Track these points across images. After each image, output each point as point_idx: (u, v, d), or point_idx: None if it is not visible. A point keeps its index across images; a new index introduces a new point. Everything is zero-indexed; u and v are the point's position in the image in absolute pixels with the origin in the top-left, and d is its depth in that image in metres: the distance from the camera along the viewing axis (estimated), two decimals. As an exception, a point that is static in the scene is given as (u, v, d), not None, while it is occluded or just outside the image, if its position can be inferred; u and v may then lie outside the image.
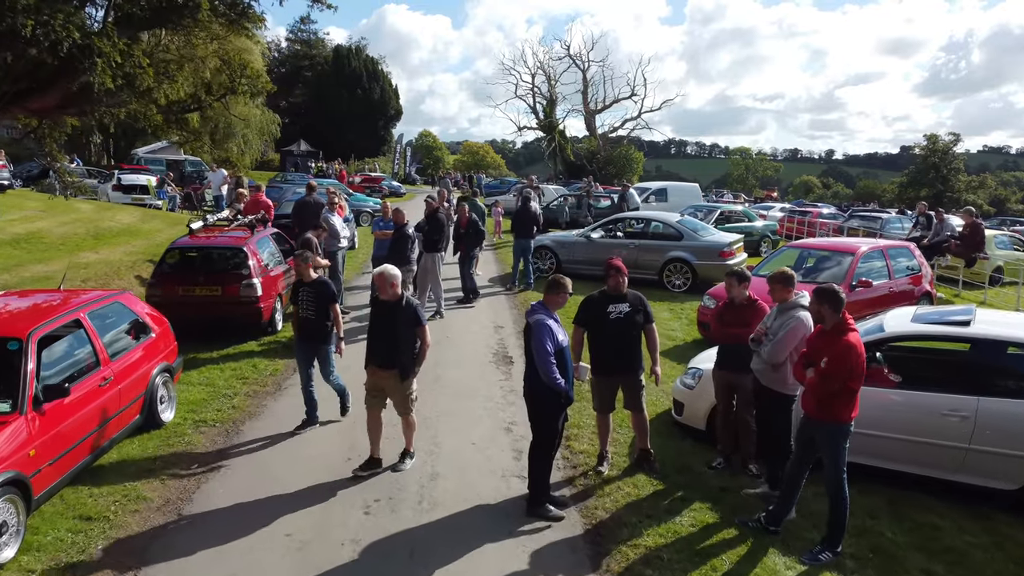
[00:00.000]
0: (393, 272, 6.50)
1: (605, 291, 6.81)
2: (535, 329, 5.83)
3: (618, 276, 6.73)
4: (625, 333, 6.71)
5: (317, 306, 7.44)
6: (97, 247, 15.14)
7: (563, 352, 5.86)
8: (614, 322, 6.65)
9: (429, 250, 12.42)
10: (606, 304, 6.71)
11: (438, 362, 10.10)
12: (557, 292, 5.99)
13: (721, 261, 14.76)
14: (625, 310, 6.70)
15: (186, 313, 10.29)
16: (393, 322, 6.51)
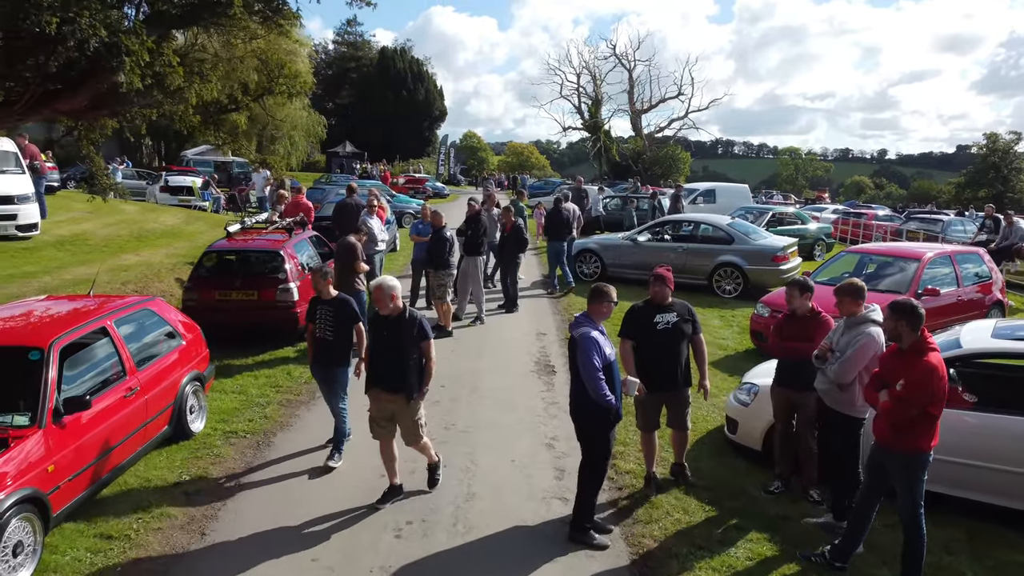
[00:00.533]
0: (391, 284, 5.93)
1: (650, 300, 6.37)
2: (581, 343, 5.42)
3: (663, 286, 6.29)
4: (672, 345, 6.27)
5: (337, 326, 6.75)
6: (139, 249, 15.13)
7: (611, 367, 5.45)
8: (661, 333, 6.22)
9: (470, 253, 12.07)
10: (652, 314, 6.28)
11: (477, 371, 9.74)
12: (601, 302, 5.57)
13: (774, 266, 14.14)
14: (672, 320, 6.26)
15: (222, 318, 10.13)
16: (397, 339, 5.89)
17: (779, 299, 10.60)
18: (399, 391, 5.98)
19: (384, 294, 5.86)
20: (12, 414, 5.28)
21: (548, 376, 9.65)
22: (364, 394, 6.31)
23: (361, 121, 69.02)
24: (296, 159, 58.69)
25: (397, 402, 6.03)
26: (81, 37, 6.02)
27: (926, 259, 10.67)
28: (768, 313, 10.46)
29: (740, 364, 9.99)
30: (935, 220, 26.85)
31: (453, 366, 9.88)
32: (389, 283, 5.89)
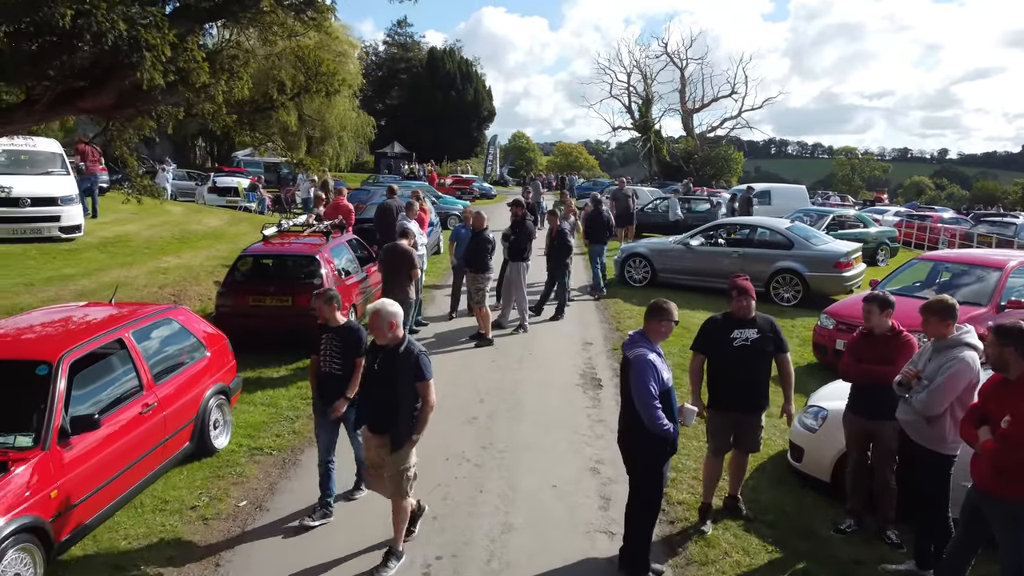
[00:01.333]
0: (392, 311, 5.03)
1: (729, 314, 5.75)
2: (635, 366, 4.84)
3: (747, 299, 5.66)
4: (751, 364, 5.65)
5: (345, 358, 5.80)
6: (180, 251, 14.98)
7: (668, 393, 4.87)
8: (739, 350, 5.61)
9: (514, 259, 11.55)
10: (730, 329, 5.67)
11: (518, 383, 9.20)
12: (659, 320, 4.97)
13: (837, 273, 13.30)
14: (753, 337, 5.63)
15: (256, 324, 9.82)
16: (391, 372, 5.04)
17: (846, 311, 9.85)
18: (384, 432, 5.14)
19: (382, 321, 4.99)
20: (15, 434, 4.91)
21: (594, 391, 9.07)
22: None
23: (410, 122, 69.14)
24: (345, 160, 58.93)
25: (382, 446, 5.15)
26: (98, 31, 5.66)
27: (1009, 267, 9.78)
28: (833, 325, 9.70)
29: (802, 381, 9.23)
30: (1007, 223, 25.45)
31: (493, 378, 9.37)
32: (389, 309, 5.04)
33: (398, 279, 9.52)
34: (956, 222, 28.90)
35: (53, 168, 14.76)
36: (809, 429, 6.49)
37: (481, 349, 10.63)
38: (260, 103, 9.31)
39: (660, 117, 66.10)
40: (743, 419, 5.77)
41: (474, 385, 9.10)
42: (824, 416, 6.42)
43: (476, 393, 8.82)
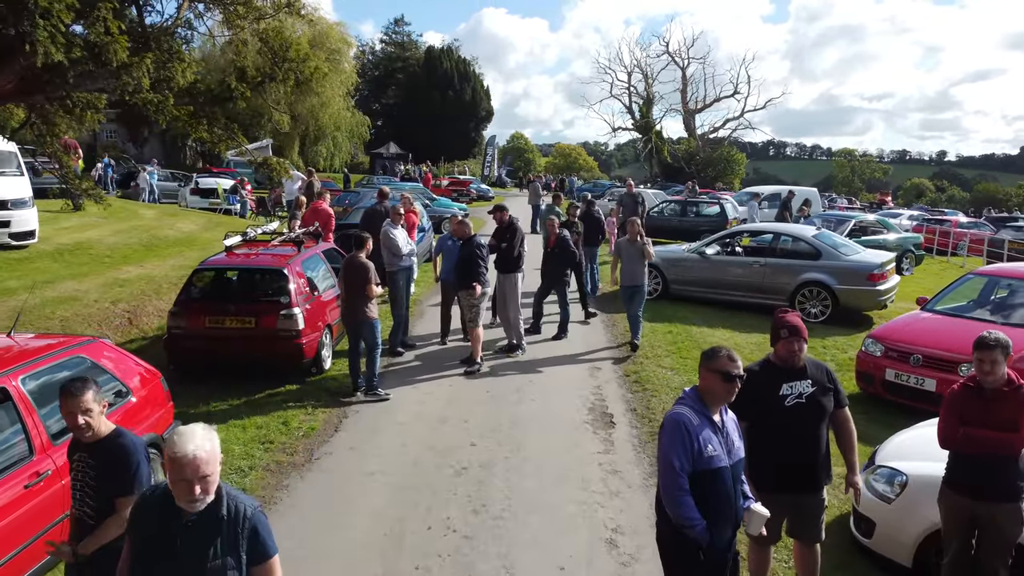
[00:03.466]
0: (192, 454, 2.61)
1: (772, 362, 4.36)
2: (663, 429, 3.55)
3: (798, 340, 4.24)
4: (807, 427, 4.28)
5: (99, 496, 3.52)
6: (145, 259, 13.62)
7: (717, 475, 3.48)
8: (790, 411, 4.22)
9: (505, 271, 10.19)
10: (777, 383, 4.27)
11: (516, 421, 7.85)
12: (715, 370, 3.52)
13: (870, 286, 11.96)
14: (807, 391, 4.27)
15: (213, 349, 8.49)
16: (201, 553, 2.72)
17: (897, 334, 8.52)
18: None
19: (182, 467, 2.62)
20: None
21: (605, 430, 7.72)
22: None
23: (407, 122, 67.83)
24: (339, 160, 57.66)
25: None
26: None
27: (1084, 285, 8.47)
28: (882, 352, 8.36)
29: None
30: (1030, 228, 24.16)
31: (487, 414, 8.02)
32: (185, 450, 2.62)
33: (354, 297, 8.22)
34: (975, 226, 27.61)
35: (6, 168, 13.39)
36: (882, 498, 5.15)
37: (473, 377, 9.29)
38: (217, 93, 7.94)
39: (661, 117, 64.89)
40: (801, 501, 4.38)
41: (465, 424, 7.76)
42: (903, 482, 5.09)
43: (467, 434, 7.48)
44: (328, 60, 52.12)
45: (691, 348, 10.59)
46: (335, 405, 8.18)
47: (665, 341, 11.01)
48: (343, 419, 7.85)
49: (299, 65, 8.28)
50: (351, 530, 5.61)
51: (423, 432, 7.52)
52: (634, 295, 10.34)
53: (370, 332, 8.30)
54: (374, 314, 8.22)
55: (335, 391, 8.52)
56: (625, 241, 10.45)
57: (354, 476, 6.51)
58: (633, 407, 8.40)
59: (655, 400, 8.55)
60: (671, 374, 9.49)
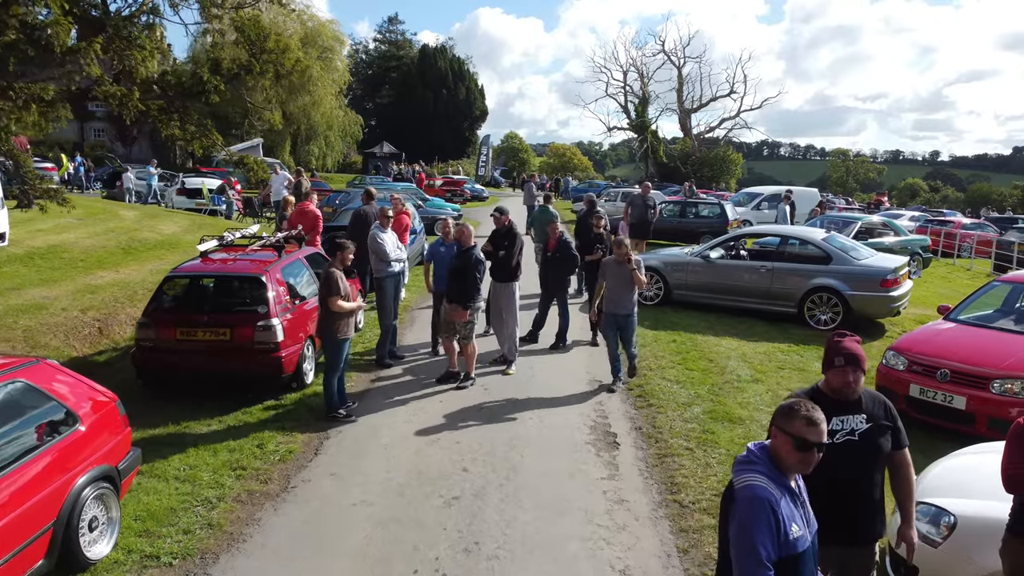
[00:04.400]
0: None
1: (821, 391, 3.68)
2: (739, 507, 2.80)
3: (855, 370, 3.58)
4: (859, 469, 3.63)
5: None
6: (122, 264, 12.95)
7: (801, 559, 2.81)
8: (840, 450, 3.54)
9: (503, 279, 9.56)
10: (828, 416, 3.60)
11: (514, 443, 7.24)
12: (794, 432, 2.85)
13: (883, 292, 11.39)
14: (861, 428, 3.62)
15: (185, 363, 7.87)
16: None
17: (922, 346, 7.94)
18: None
19: None
20: None
21: (609, 452, 7.11)
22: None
23: (400, 121, 67.29)
24: (332, 160, 56.99)
25: None
26: None
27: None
28: (905, 366, 7.78)
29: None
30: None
31: (481, 435, 7.41)
32: None
33: (321, 310, 7.58)
34: (979, 228, 27.09)
35: (-26, 168, 12.74)
36: (926, 540, 4.55)
37: (465, 393, 8.67)
38: (189, 86, 7.30)
39: (657, 117, 64.36)
40: (849, 555, 3.70)
41: (457, 445, 7.15)
42: (950, 523, 4.50)
43: (459, 458, 6.87)
44: (320, 58, 51.64)
45: (698, 359, 10.00)
46: (316, 425, 7.56)
47: (670, 351, 10.41)
48: (324, 441, 7.23)
49: (279, 56, 7.67)
50: (327, 575, 4.99)
51: (411, 455, 6.91)
52: (621, 326, 8.66)
53: (330, 350, 7.64)
54: (339, 331, 7.52)
55: (317, 409, 7.90)
56: (612, 261, 8.72)
57: (333, 508, 5.89)
58: (638, 425, 7.80)
59: (661, 417, 7.95)
60: (677, 387, 8.89)
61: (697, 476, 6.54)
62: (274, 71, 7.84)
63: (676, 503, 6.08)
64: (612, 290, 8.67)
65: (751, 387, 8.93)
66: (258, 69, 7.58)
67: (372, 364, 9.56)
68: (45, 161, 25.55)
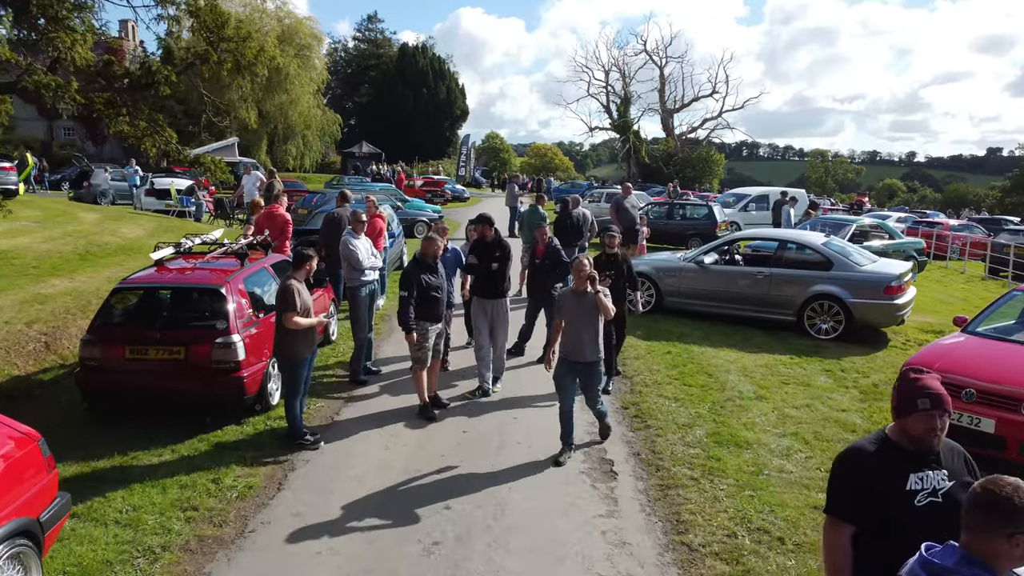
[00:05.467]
0: None
1: (893, 442, 2.97)
2: None
3: (940, 416, 2.86)
4: (945, 539, 2.93)
5: None
6: (77, 270, 12.08)
7: None
8: (922, 515, 2.87)
9: (494, 295, 8.62)
10: (902, 472, 2.92)
11: (499, 473, 6.53)
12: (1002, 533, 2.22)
13: (887, 300, 10.79)
14: (944, 486, 2.92)
15: (134, 385, 7.10)
16: None
17: (943, 363, 7.28)
18: None
19: None
20: None
21: (606, 483, 6.42)
22: None
23: (380, 120, 66.32)
24: (310, 160, 55.94)
25: None
26: None
27: None
28: (925, 384, 7.14)
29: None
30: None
31: (465, 463, 6.68)
32: None
33: (278, 327, 6.82)
34: (966, 229, 26.75)
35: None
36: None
37: (447, 413, 7.94)
38: (137, 77, 6.53)
39: (639, 117, 64.06)
40: None
41: (438, 477, 6.43)
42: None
43: (440, 492, 6.15)
44: (298, 56, 50.65)
45: (696, 373, 9.34)
46: (281, 453, 6.80)
47: (665, 364, 9.74)
48: (290, 472, 6.48)
49: (239, 45, 6.90)
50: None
51: (386, 489, 6.17)
52: (583, 379, 6.79)
53: (287, 371, 6.92)
54: (296, 350, 6.77)
55: (283, 434, 7.14)
56: (568, 292, 6.84)
57: (294, 558, 5.15)
58: (636, 450, 7.11)
59: (661, 441, 7.27)
60: (676, 406, 8.21)
61: (705, 512, 5.86)
62: (234, 61, 7.08)
63: (684, 546, 5.40)
64: (571, 330, 6.73)
65: (755, 405, 8.28)
66: (215, 59, 6.84)
67: (345, 382, 8.81)
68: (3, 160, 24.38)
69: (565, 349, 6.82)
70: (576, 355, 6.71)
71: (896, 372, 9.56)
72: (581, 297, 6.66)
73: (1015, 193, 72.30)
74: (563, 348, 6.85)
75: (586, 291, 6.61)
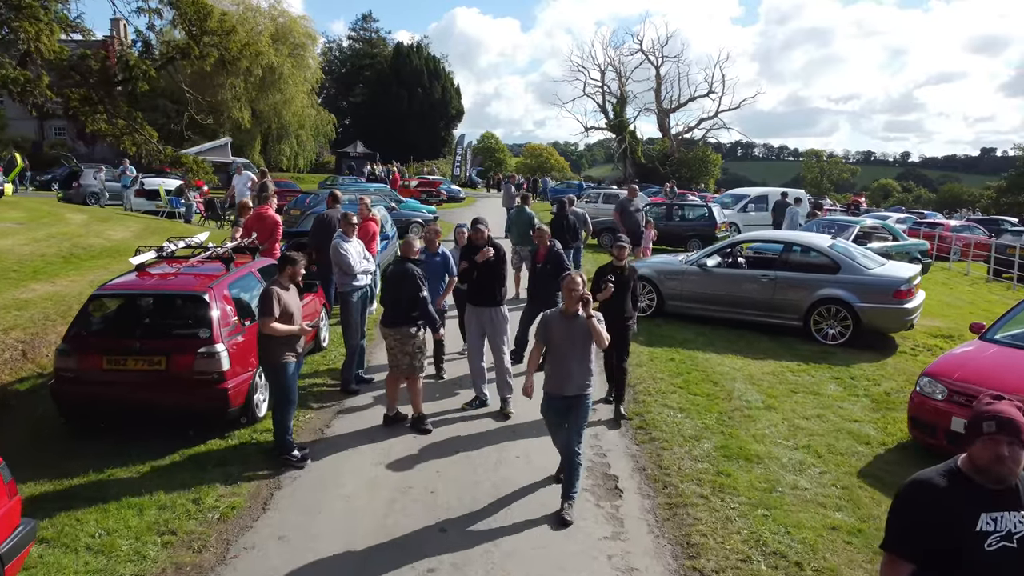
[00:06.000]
0: None
1: (963, 474, 2.63)
2: None
3: (1012, 445, 2.50)
4: None
5: None
6: (60, 274, 11.68)
7: None
8: (991, 561, 2.53)
9: (493, 303, 8.05)
10: (973, 510, 2.58)
11: (498, 493, 6.16)
12: None
13: (897, 304, 10.46)
14: (1020, 530, 2.56)
15: (112, 397, 6.72)
16: None
17: (963, 373, 6.99)
18: None
19: None
20: None
21: (610, 501, 6.07)
22: None
23: (375, 120, 65.93)
24: (304, 160, 55.43)
25: None
26: None
27: None
28: (944, 395, 6.82)
29: (896, 471, 6.37)
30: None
31: (461, 482, 6.32)
32: None
33: (260, 334, 6.46)
34: (966, 230, 26.46)
35: None
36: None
37: (442, 428, 7.57)
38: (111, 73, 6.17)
39: (635, 117, 63.68)
40: None
41: (432, 497, 6.07)
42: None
43: (434, 513, 5.79)
44: (291, 55, 50.20)
45: (701, 381, 8.99)
46: (268, 469, 6.43)
47: (668, 371, 9.40)
48: (275, 491, 6.11)
49: (222, 39, 6.55)
50: None
51: (377, 511, 5.81)
52: (569, 413, 5.78)
53: (272, 379, 6.56)
54: (278, 357, 6.40)
55: (269, 449, 6.77)
56: (557, 315, 5.78)
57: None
58: (642, 466, 6.76)
59: (667, 455, 6.91)
60: (682, 417, 7.86)
61: (717, 534, 5.51)
62: (218, 55, 6.71)
63: (696, 572, 5.06)
64: (557, 360, 5.73)
65: (764, 415, 7.94)
66: (197, 53, 6.52)
67: (337, 390, 8.45)
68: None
69: (550, 383, 5.78)
70: (562, 389, 5.69)
71: (907, 379, 9.25)
72: (571, 321, 5.64)
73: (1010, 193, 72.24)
74: (548, 382, 5.80)
75: (577, 314, 5.61)
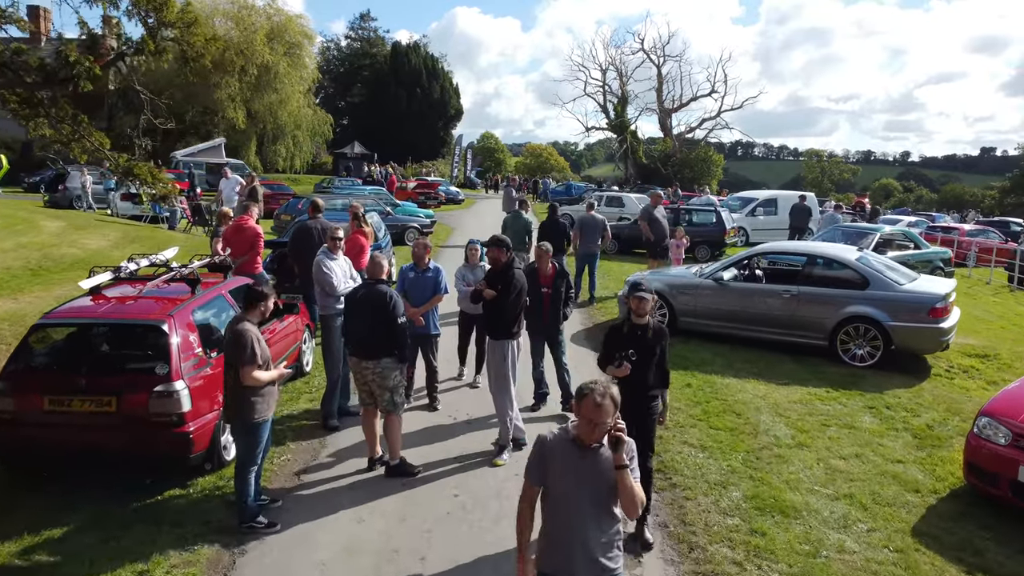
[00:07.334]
0: None
1: None
2: None
3: None
4: None
5: None
6: (25, 288, 10.79)
7: None
8: None
9: (500, 335, 6.96)
10: None
11: (498, 555, 5.29)
12: None
13: (932, 323, 9.58)
14: None
15: (55, 442, 5.85)
16: None
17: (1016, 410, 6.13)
18: None
19: None
20: None
21: (630, 570, 5.20)
22: None
23: (373, 120, 65.06)
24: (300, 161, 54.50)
25: None
26: None
27: None
28: (1008, 439, 5.95)
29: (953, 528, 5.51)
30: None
31: (455, 542, 5.44)
32: None
33: (230, 381, 5.48)
34: (981, 234, 25.58)
35: None
36: None
37: (435, 474, 6.70)
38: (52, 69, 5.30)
39: (637, 117, 62.73)
40: None
41: (421, 563, 5.20)
42: None
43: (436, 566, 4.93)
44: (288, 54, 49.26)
45: (722, 412, 8.13)
46: (229, 530, 5.55)
47: (685, 400, 8.53)
48: (238, 557, 5.24)
49: (183, 32, 5.65)
50: None
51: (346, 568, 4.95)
52: None
53: (242, 437, 5.57)
54: (256, 412, 5.47)
55: (234, 502, 5.89)
56: (562, 441, 3.42)
57: None
58: (662, 520, 5.90)
59: (691, 507, 6.05)
60: (704, 457, 6.99)
61: (758, 616, 4.65)
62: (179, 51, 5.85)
63: (736, 670, 4.19)
64: (559, 513, 3.42)
65: (796, 455, 7.07)
66: (152, 48, 5.63)
67: (318, 426, 7.57)
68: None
69: (547, 558, 3.46)
70: (568, 569, 3.36)
71: (948, 408, 8.39)
72: (586, 454, 3.36)
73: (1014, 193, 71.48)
74: (543, 556, 3.48)
75: (600, 447, 3.36)
